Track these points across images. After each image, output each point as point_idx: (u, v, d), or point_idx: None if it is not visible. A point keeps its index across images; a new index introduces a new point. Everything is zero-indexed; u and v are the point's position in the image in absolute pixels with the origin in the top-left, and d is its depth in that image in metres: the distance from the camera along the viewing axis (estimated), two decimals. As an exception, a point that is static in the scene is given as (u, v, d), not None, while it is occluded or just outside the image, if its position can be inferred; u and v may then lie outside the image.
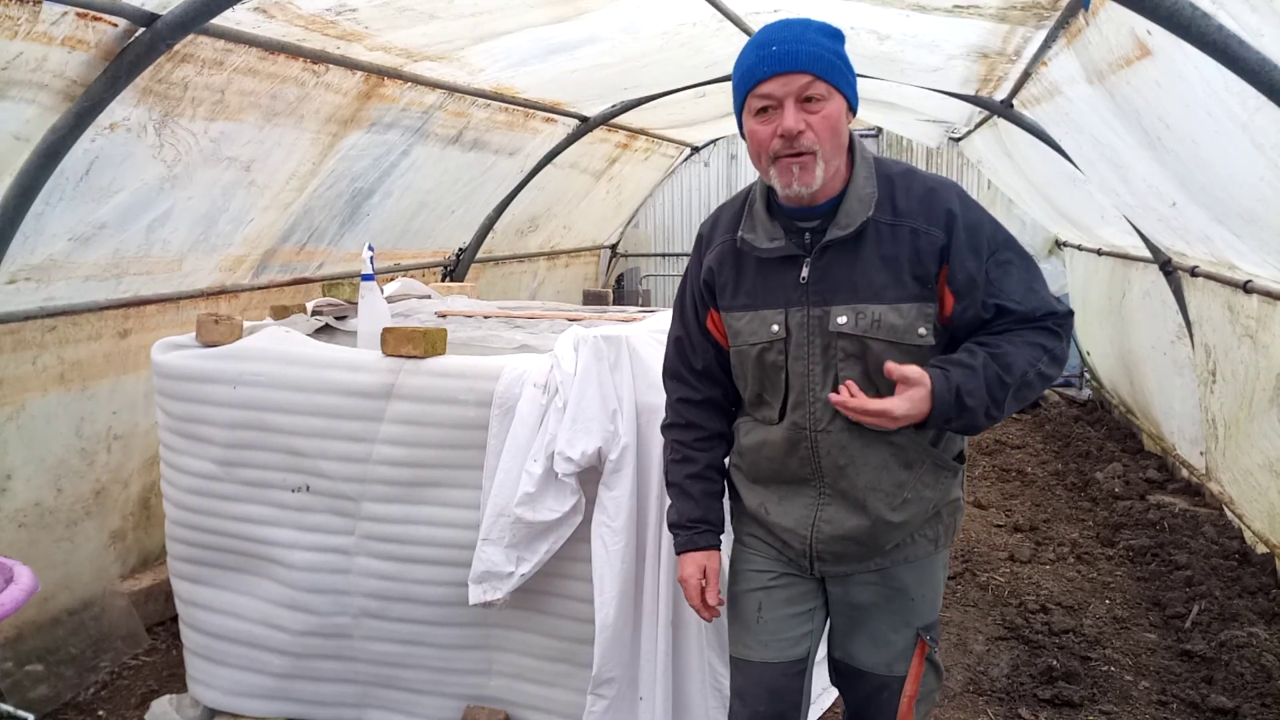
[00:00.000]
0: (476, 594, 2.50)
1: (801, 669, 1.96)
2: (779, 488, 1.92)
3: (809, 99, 1.67)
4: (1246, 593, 3.82)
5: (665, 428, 2.07)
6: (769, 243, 1.80)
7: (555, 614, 2.64)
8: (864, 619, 1.95)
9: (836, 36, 1.72)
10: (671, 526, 2.02)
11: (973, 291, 1.75)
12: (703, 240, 1.96)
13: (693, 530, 1.98)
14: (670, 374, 2.05)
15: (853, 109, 1.75)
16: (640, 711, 2.52)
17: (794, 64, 1.65)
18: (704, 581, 1.95)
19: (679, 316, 2.01)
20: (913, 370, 1.67)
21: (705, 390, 2.00)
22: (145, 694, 3.28)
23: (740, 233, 1.84)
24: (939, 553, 1.95)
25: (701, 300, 1.95)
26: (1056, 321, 1.77)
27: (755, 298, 1.84)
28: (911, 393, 1.67)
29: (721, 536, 2.02)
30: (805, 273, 1.78)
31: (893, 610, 1.92)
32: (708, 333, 1.96)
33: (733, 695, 2.01)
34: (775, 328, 1.81)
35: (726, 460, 2.05)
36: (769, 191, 1.82)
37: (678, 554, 2.00)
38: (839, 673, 2.04)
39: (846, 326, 1.76)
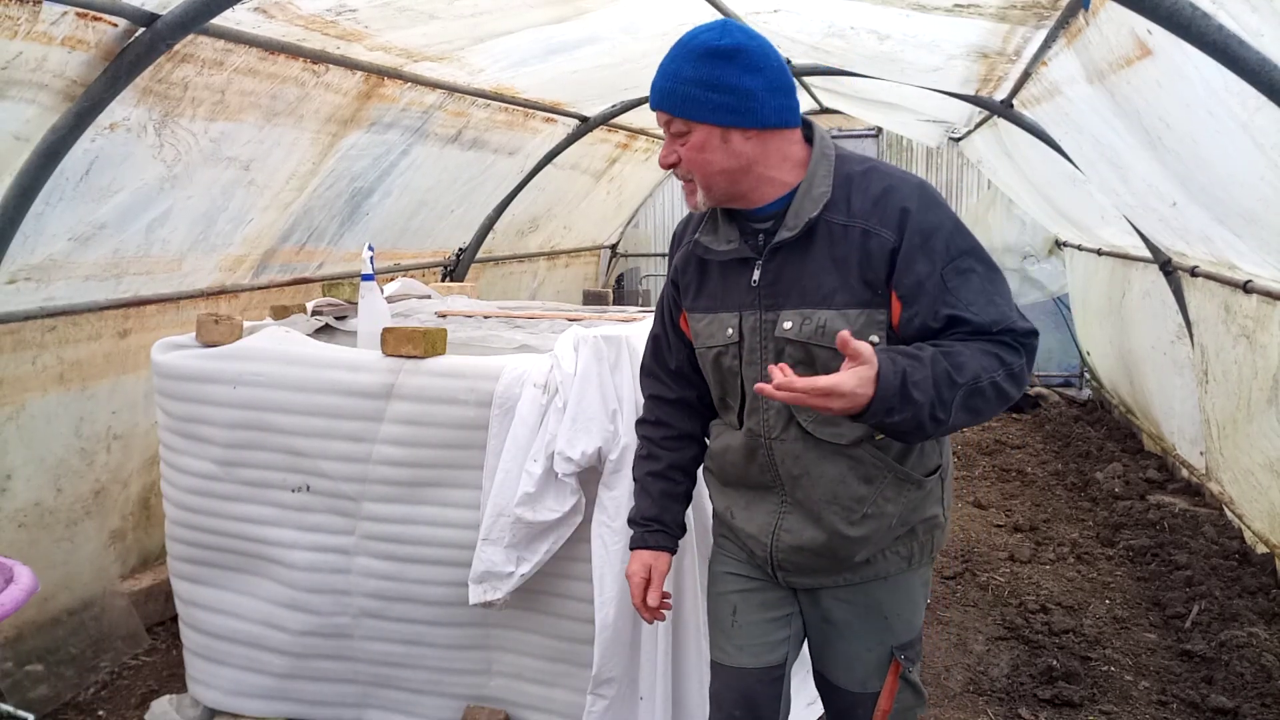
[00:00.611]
0: (477, 594, 2.50)
1: (779, 675, 1.91)
2: (745, 493, 1.89)
3: (676, 133, 1.69)
4: (1246, 593, 3.82)
5: (637, 424, 2.08)
6: (725, 245, 1.78)
7: (555, 614, 2.64)
8: (836, 637, 1.89)
9: (715, 57, 1.63)
10: (629, 522, 2.03)
11: (920, 298, 1.64)
12: (676, 239, 1.96)
13: (645, 528, 1.97)
14: (646, 371, 2.06)
15: (741, 127, 1.65)
16: (640, 711, 2.51)
17: (655, 102, 1.70)
18: (648, 580, 1.92)
19: (658, 315, 2.01)
20: (866, 347, 1.53)
21: (678, 390, 1.99)
22: (145, 694, 3.28)
23: (697, 235, 1.82)
24: (914, 571, 1.87)
25: (673, 300, 1.95)
26: (1015, 337, 1.64)
27: (715, 300, 1.82)
28: (861, 370, 1.51)
29: (679, 540, 2.01)
30: (756, 275, 1.74)
31: (866, 629, 1.86)
32: (681, 333, 1.95)
33: (710, 699, 1.99)
34: (730, 331, 1.79)
35: (698, 463, 2.04)
36: None
37: (630, 550, 1.99)
38: (818, 684, 2.01)
39: (791, 332, 1.71)
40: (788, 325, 1.71)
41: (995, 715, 3.12)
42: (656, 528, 1.97)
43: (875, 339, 1.67)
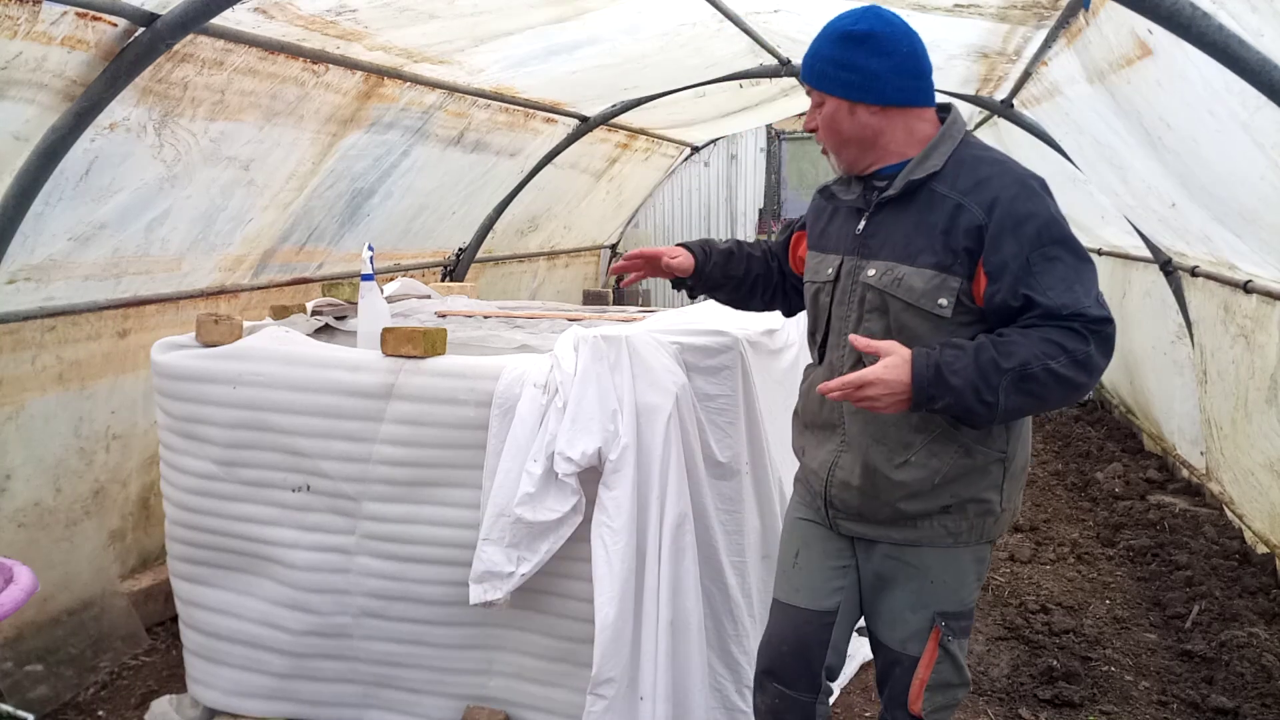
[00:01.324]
0: (477, 594, 2.50)
1: (830, 621, 2.03)
2: (817, 432, 2.05)
3: (815, 103, 1.95)
4: (1247, 593, 3.81)
5: None
6: (848, 195, 2.00)
7: (555, 614, 2.64)
8: (884, 589, 2.00)
9: (848, 40, 1.87)
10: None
11: (1004, 276, 1.78)
12: (816, 195, 2.19)
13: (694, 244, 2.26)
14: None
15: (865, 102, 1.88)
16: (640, 711, 2.51)
17: (801, 74, 1.98)
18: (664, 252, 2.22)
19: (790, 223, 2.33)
20: (885, 342, 1.78)
21: (767, 261, 2.31)
22: (145, 694, 3.28)
23: (831, 184, 2.08)
24: (961, 548, 1.94)
25: (799, 225, 2.25)
26: (1085, 324, 1.74)
27: (829, 241, 2.05)
28: (888, 360, 1.74)
29: (699, 269, 2.24)
30: (862, 225, 1.95)
31: (910, 588, 1.96)
32: (785, 247, 2.28)
33: (764, 634, 2.15)
34: (830, 271, 2.00)
35: (765, 280, 2.30)
36: None
37: None
38: (871, 644, 2.10)
39: (873, 280, 1.89)
40: (871, 273, 1.90)
41: (995, 715, 3.12)
42: (699, 246, 2.25)
43: (943, 301, 1.83)
